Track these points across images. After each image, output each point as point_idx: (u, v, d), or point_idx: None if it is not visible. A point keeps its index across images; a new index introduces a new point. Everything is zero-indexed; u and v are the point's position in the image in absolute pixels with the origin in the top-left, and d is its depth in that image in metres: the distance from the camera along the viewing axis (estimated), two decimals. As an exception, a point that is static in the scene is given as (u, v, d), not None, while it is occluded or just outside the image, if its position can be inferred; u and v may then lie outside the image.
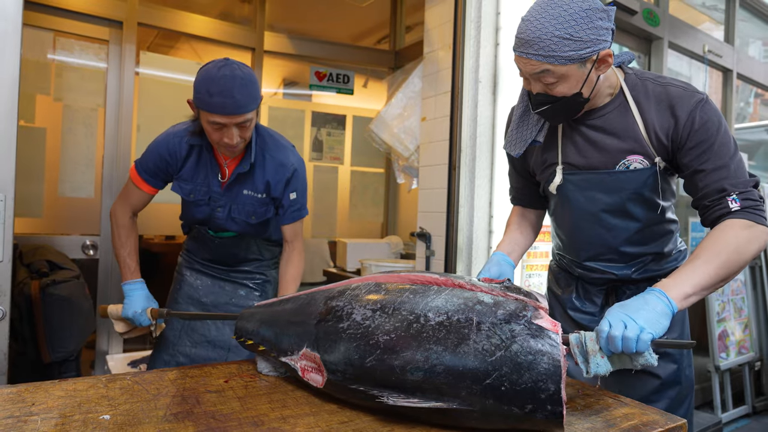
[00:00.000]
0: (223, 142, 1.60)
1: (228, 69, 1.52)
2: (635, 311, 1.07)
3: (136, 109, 3.22)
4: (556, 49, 1.15)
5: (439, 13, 2.68)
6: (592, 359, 1.07)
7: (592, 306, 1.52)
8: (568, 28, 1.14)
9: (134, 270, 1.79)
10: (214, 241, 1.89)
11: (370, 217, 4.66)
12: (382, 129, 3.16)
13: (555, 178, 1.38)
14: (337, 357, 1.06)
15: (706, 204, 1.25)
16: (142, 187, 1.78)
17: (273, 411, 1.07)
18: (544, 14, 1.16)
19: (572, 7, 1.15)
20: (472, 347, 0.95)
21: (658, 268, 1.45)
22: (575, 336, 1.10)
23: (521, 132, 1.41)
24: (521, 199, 1.61)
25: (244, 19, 3.84)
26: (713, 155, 1.23)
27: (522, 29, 1.19)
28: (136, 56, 3.20)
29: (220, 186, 1.77)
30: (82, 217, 3.14)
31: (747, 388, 3.63)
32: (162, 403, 1.08)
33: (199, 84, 1.54)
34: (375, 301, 1.09)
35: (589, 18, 1.15)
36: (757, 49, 4.97)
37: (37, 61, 2.99)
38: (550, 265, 1.70)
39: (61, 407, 1.04)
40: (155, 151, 1.75)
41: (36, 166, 2.99)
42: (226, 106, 1.51)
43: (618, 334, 1.03)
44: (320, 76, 4.14)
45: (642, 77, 1.32)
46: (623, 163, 1.31)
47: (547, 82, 1.22)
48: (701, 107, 1.24)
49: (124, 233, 1.80)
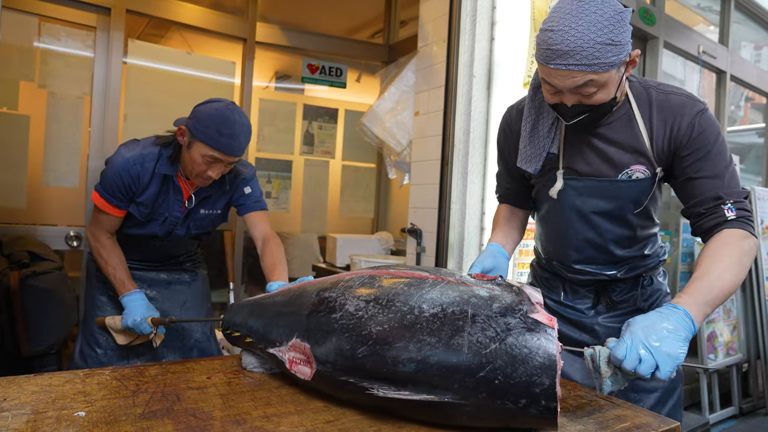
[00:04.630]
0: (206, 174, 1.68)
1: (237, 114, 1.65)
2: (659, 340, 1.02)
3: (123, 98, 3.15)
4: (600, 56, 1.10)
5: (434, 6, 2.64)
6: (605, 380, 1.05)
7: (581, 303, 1.51)
8: (608, 33, 1.09)
9: (127, 283, 1.79)
10: (155, 245, 1.90)
11: (361, 213, 4.63)
12: (374, 123, 3.12)
13: (556, 183, 1.35)
14: (328, 348, 1.04)
15: (700, 211, 1.24)
16: (111, 211, 1.76)
17: (256, 409, 1.03)
18: (581, 22, 1.10)
19: (606, 11, 1.10)
20: (466, 339, 0.93)
21: (643, 265, 1.46)
22: (590, 351, 1.07)
23: (534, 146, 1.36)
24: (510, 198, 1.58)
25: (236, 9, 3.78)
26: (709, 163, 1.23)
27: (556, 40, 1.11)
28: (124, 44, 3.14)
29: (181, 210, 1.81)
30: (66, 207, 3.07)
31: (734, 390, 3.65)
32: (141, 400, 1.04)
33: (208, 120, 1.62)
34: (369, 293, 1.07)
35: (623, 20, 1.11)
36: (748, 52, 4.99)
37: (22, 47, 2.92)
38: (533, 265, 1.68)
39: (34, 403, 1.00)
40: (117, 176, 1.71)
41: (19, 155, 2.91)
42: (232, 147, 1.64)
43: (631, 368, 1.01)
44: (313, 69, 4.09)
45: (645, 85, 1.31)
46: (626, 173, 1.30)
47: (587, 93, 1.17)
48: (701, 116, 1.24)
49: (105, 252, 1.79)
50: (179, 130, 1.70)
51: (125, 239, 1.86)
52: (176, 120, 1.76)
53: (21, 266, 2.33)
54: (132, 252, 1.90)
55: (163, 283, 1.97)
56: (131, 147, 1.76)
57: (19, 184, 2.92)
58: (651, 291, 1.48)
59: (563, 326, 1.53)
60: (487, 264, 1.34)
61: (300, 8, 4.26)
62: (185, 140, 1.68)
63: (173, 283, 2.00)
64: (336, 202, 4.52)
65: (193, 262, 2.08)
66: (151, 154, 1.73)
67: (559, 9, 1.14)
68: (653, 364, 1.00)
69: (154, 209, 1.78)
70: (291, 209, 4.34)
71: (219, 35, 3.59)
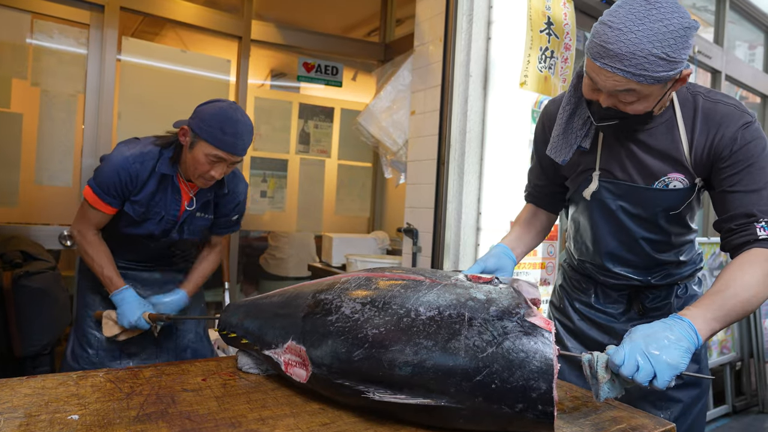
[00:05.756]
0: (208, 174, 1.68)
1: (240, 114, 1.66)
2: (658, 349, 1.00)
3: (117, 96, 3.13)
4: (649, 68, 1.04)
5: (430, 5, 2.63)
6: (602, 385, 1.03)
7: (612, 308, 1.48)
8: (666, 47, 1.03)
9: (115, 280, 1.78)
10: (149, 246, 1.87)
11: (357, 212, 4.62)
12: (370, 122, 3.11)
13: (591, 185, 1.32)
14: (324, 350, 1.03)
15: (731, 227, 1.20)
16: (101, 208, 1.73)
17: (251, 411, 1.03)
18: (641, 27, 1.03)
19: (672, 23, 1.03)
20: (462, 343, 0.93)
21: (678, 272, 1.42)
22: (588, 357, 1.06)
23: (567, 137, 1.31)
24: (538, 198, 1.53)
25: (231, 6, 3.76)
26: (747, 178, 1.17)
27: (611, 39, 1.05)
28: (118, 42, 3.11)
29: (179, 212, 1.80)
30: (59, 206, 3.05)
31: (728, 388, 3.67)
32: (135, 403, 1.03)
33: (212, 119, 1.62)
34: (365, 295, 1.06)
35: (686, 37, 1.05)
36: (743, 52, 5.01)
37: (14, 44, 2.89)
38: (563, 266, 1.64)
39: (27, 406, 0.99)
40: (114, 173, 1.68)
41: (11, 153, 2.89)
42: (236, 146, 1.65)
43: (628, 374, 0.99)
44: (308, 67, 4.07)
45: (693, 91, 1.25)
46: (663, 181, 1.26)
47: (625, 101, 1.13)
48: (746, 128, 1.18)
49: (91, 249, 1.77)
50: (181, 130, 1.69)
51: (120, 238, 1.84)
52: (176, 122, 1.75)
53: (14, 266, 2.31)
54: (126, 252, 1.88)
55: (158, 283, 1.96)
56: (131, 145, 1.74)
57: (12, 183, 2.90)
58: (686, 299, 1.44)
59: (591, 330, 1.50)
60: (490, 264, 1.30)
61: (296, 6, 4.25)
62: (188, 140, 1.67)
63: (167, 282, 1.98)
64: (332, 202, 4.51)
65: (188, 262, 2.07)
66: (152, 153, 1.72)
67: (625, 5, 1.08)
68: (651, 372, 0.99)
69: (150, 208, 1.76)
70: (286, 208, 4.33)
71: (214, 33, 3.57)
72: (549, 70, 2.43)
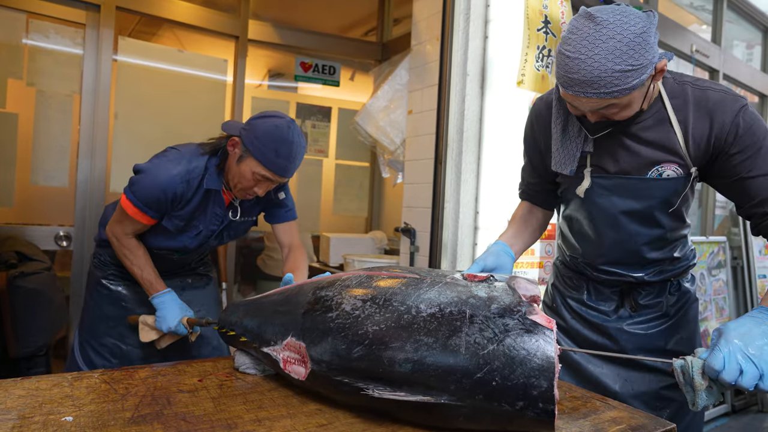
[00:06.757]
0: (251, 191, 1.62)
1: (297, 135, 1.57)
2: (758, 348, 0.95)
3: (113, 97, 3.11)
4: (619, 83, 1.06)
5: (427, 4, 2.63)
6: (700, 393, 0.98)
7: (605, 305, 1.47)
8: (627, 59, 1.04)
9: (155, 283, 1.70)
10: (172, 258, 1.81)
11: (355, 212, 4.61)
12: (368, 121, 3.10)
13: (584, 182, 1.32)
14: (324, 347, 1.02)
15: (765, 211, 1.19)
16: (142, 220, 1.64)
17: (248, 413, 1.02)
18: (597, 50, 1.04)
19: (625, 35, 1.04)
20: (463, 340, 0.92)
21: (671, 269, 1.42)
22: (680, 363, 1.01)
23: (567, 148, 1.31)
24: (532, 195, 1.53)
25: (228, 6, 3.74)
26: (762, 161, 1.17)
27: (573, 68, 1.08)
28: (114, 41, 3.09)
29: (219, 223, 1.73)
30: (55, 206, 3.03)
31: (726, 387, 3.67)
32: (130, 404, 1.02)
33: (266, 137, 1.54)
34: (366, 292, 1.05)
35: (645, 41, 1.05)
36: (741, 51, 5.01)
37: (9, 44, 2.87)
38: (555, 264, 1.64)
39: (20, 407, 0.98)
40: (160, 192, 1.58)
41: (7, 153, 2.87)
42: (288, 170, 1.57)
43: (731, 380, 0.94)
44: (306, 67, 4.06)
45: (680, 81, 1.26)
46: (656, 170, 1.26)
47: (610, 112, 1.15)
48: (744, 112, 1.18)
49: (130, 253, 1.70)
50: (231, 140, 1.59)
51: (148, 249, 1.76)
52: (225, 123, 1.65)
53: (9, 267, 2.30)
54: None
55: (177, 289, 1.87)
56: (176, 160, 1.62)
57: (8, 183, 2.88)
58: (679, 296, 1.44)
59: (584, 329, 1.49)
60: (489, 263, 1.29)
61: (293, 6, 4.23)
62: (237, 152, 1.59)
63: (187, 288, 1.92)
64: (329, 201, 4.50)
65: (205, 265, 2.00)
66: (197, 168, 1.62)
67: (575, 31, 1.09)
68: (757, 375, 0.93)
69: (189, 222, 1.68)
70: (284, 208, 4.31)
71: (211, 33, 3.55)
72: (546, 69, 2.42)
